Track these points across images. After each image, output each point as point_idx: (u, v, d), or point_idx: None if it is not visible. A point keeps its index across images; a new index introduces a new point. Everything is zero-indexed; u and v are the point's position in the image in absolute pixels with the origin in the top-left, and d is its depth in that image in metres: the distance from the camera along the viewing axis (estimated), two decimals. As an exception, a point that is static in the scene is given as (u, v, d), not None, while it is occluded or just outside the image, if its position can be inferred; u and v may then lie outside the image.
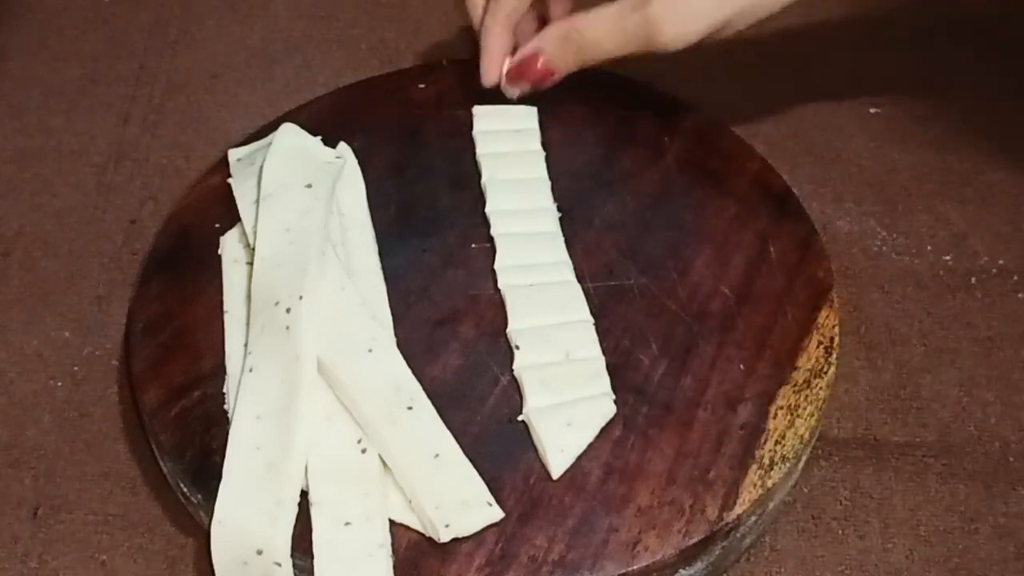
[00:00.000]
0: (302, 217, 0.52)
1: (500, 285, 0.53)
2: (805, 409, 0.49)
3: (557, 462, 0.47)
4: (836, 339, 0.52)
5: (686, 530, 0.46)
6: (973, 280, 0.59)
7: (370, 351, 0.49)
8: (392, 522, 0.46)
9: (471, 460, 0.47)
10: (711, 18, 0.52)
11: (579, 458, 0.48)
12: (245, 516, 0.45)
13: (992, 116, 0.66)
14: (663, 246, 0.55)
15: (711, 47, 0.54)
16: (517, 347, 0.50)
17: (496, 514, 0.46)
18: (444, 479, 0.46)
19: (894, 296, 0.58)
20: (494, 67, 0.58)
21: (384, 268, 0.53)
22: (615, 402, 0.49)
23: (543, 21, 0.59)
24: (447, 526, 0.45)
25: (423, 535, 0.46)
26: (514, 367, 0.50)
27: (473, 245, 0.55)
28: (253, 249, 0.52)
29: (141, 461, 0.52)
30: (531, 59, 0.56)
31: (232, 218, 0.55)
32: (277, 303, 0.49)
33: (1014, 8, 0.71)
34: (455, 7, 0.72)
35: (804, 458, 0.50)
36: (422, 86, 0.62)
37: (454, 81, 0.62)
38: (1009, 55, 0.69)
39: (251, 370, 0.48)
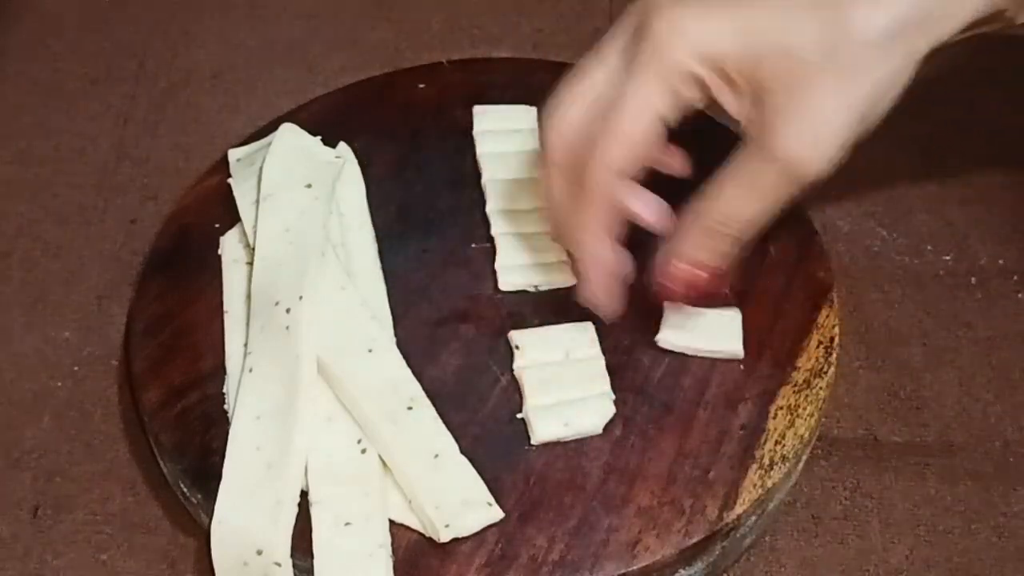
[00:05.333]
0: (302, 217, 0.52)
1: (500, 285, 0.53)
2: (805, 409, 0.49)
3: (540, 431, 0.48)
4: (836, 339, 0.52)
5: (686, 530, 0.46)
6: (973, 280, 0.59)
7: (370, 351, 0.49)
8: (392, 522, 0.46)
9: (471, 460, 0.47)
10: (845, 126, 0.43)
11: (579, 458, 0.48)
12: (245, 516, 0.45)
13: (992, 116, 0.66)
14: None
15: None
16: (517, 347, 0.50)
17: (496, 514, 0.46)
18: (444, 479, 0.46)
19: (894, 296, 0.58)
20: (611, 291, 0.48)
21: (384, 268, 0.53)
22: (615, 402, 0.49)
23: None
24: (447, 526, 0.45)
25: (423, 535, 0.46)
26: (514, 367, 0.50)
27: (473, 245, 0.55)
28: (253, 249, 0.52)
29: (141, 461, 0.52)
30: (685, 276, 0.46)
31: (232, 218, 0.55)
32: (277, 303, 0.49)
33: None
34: (455, 7, 0.72)
35: (804, 458, 0.50)
36: (422, 86, 0.62)
37: (454, 81, 0.62)
38: (1009, 55, 0.69)
39: (251, 370, 0.48)
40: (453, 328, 0.52)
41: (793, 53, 0.42)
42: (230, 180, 0.56)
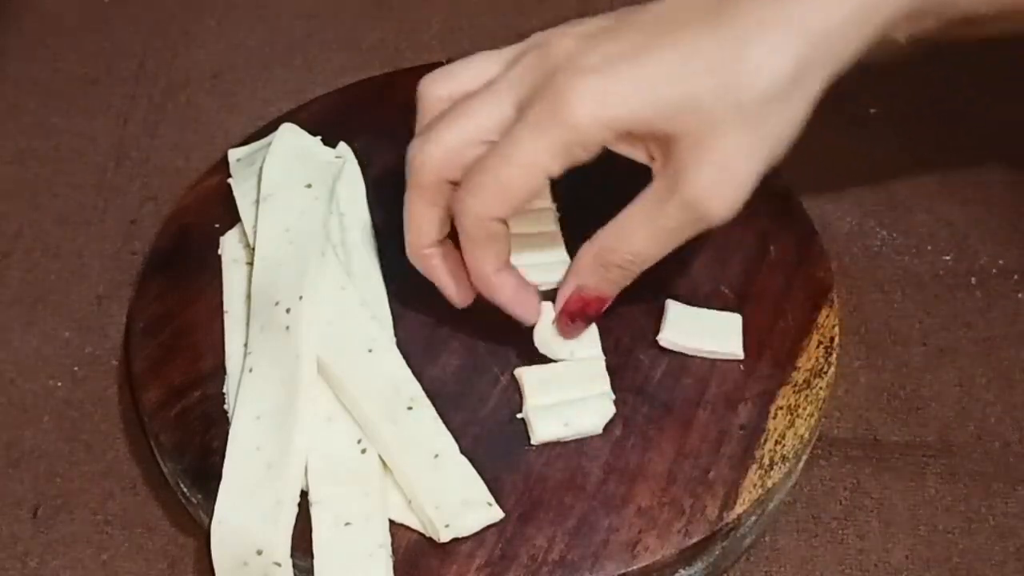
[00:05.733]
0: (302, 217, 0.52)
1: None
2: (805, 409, 0.49)
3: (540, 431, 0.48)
4: (836, 339, 0.52)
5: (686, 530, 0.46)
6: (973, 280, 0.59)
7: (370, 351, 0.49)
8: (392, 522, 0.46)
9: (471, 460, 0.47)
10: (752, 171, 0.44)
11: (579, 458, 0.48)
12: (245, 516, 0.45)
13: (992, 116, 0.66)
14: (663, 246, 0.55)
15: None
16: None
17: (496, 514, 0.46)
18: (444, 479, 0.46)
19: (894, 296, 0.58)
20: (531, 303, 0.49)
21: (384, 268, 0.53)
22: (615, 402, 0.49)
23: None
24: (447, 526, 0.45)
25: (423, 535, 0.46)
26: (514, 367, 0.50)
27: (473, 245, 0.54)
28: (253, 249, 0.52)
29: (141, 461, 0.52)
30: (576, 300, 0.48)
31: (232, 218, 0.55)
32: (277, 303, 0.49)
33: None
34: (455, 7, 0.72)
35: (804, 458, 0.50)
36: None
37: (454, 81, 0.62)
38: (1009, 55, 0.69)
39: (251, 370, 0.48)
40: (453, 328, 0.52)
41: (701, 108, 0.43)
42: (230, 180, 0.56)
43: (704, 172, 0.43)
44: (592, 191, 0.56)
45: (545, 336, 0.49)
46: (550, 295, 0.52)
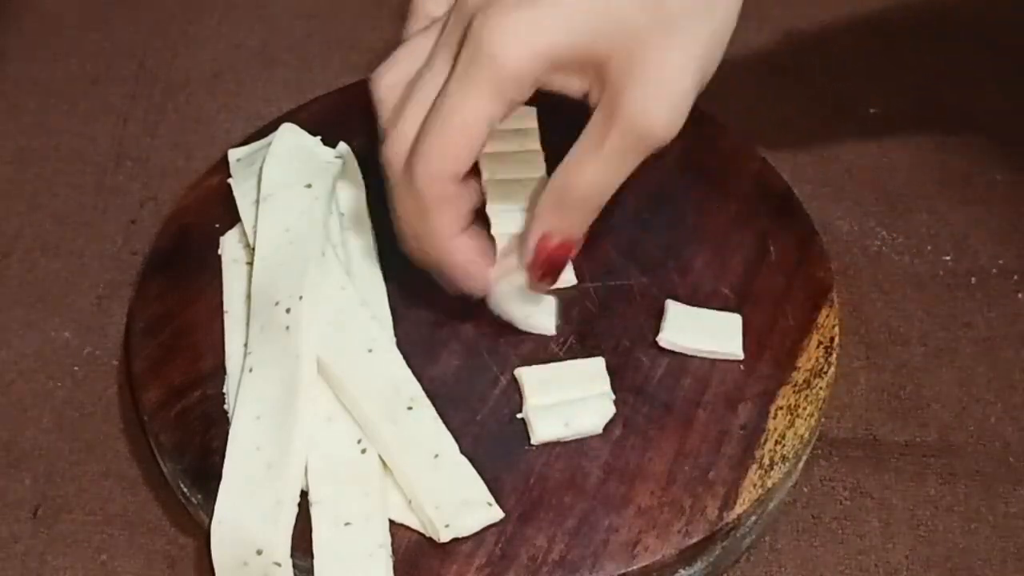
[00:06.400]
0: (302, 217, 0.52)
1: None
2: (805, 409, 0.49)
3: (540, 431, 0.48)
4: (836, 339, 0.52)
5: (686, 530, 0.46)
6: (973, 280, 0.59)
7: (370, 351, 0.49)
8: (392, 522, 0.46)
9: (471, 460, 0.47)
10: (688, 83, 0.44)
11: (579, 458, 0.48)
12: (245, 516, 0.45)
13: (992, 116, 0.66)
14: (663, 246, 0.55)
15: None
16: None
17: (496, 514, 0.46)
18: (444, 479, 0.46)
19: (894, 296, 0.58)
20: (481, 274, 0.48)
21: (384, 268, 0.53)
22: (615, 402, 0.49)
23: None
24: (447, 526, 0.45)
25: (423, 535, 0.46)
26: (514, 367, 0.50)
27: (473, 245, 0.54)
28: (253, 249, 0.52)
29: (141, 461, 0.52)
30: (544, 246, 0.46)
31: (232, 218, 0.55)
32: (277, 303, 0.49)
33: (1013, 7, 0.71)
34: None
35: (804, 458, 0.50)
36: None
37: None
38: (1009, 55, 0.69)
39: (251, 370, 0.48)
40: (453, 328, 0.52)
41: (625, 26, 0.42)
42: (230, 180, 0.56)
43: (639, 91, 0.43)
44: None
45: (500, 297, 0.49)
46: (551, 295, 0.52)
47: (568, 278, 0.53)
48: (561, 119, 0.53)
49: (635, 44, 0.43)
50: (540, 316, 0.51)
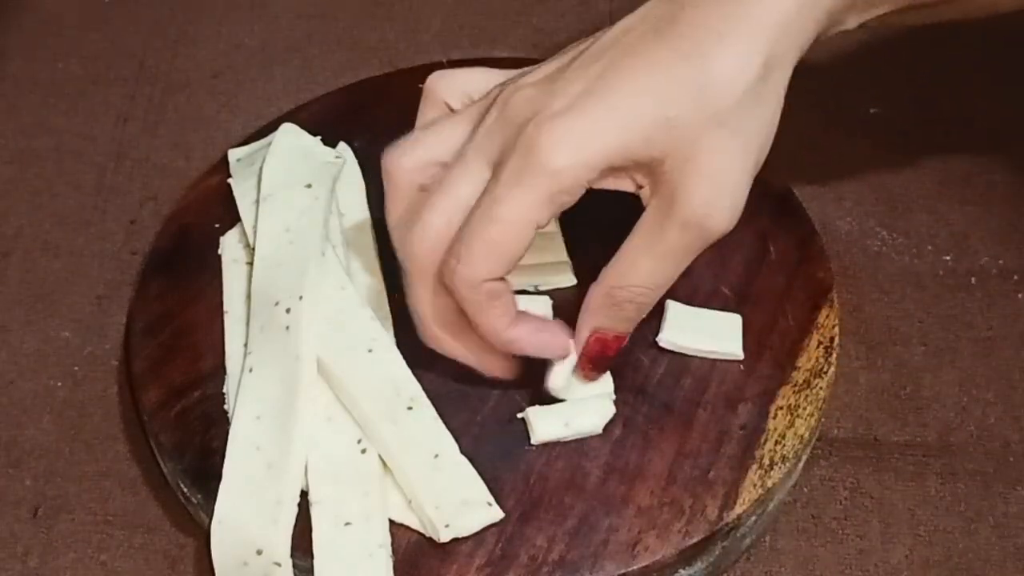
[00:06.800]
0: (302, 217, 0.52)
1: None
2: (805, 409, 0.49)
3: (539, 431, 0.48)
4: (836, 339, 0.52)
5: (686, 530, 0.46)
6: (973, 280, 0.59)
7: (370, 351, 0.49)
8: (392, 522, 0.46)
9: (471, 460, 0.47)
10: (744, 175, 0.43)
11: (579, 458, 0.48)
12: (245, 516, 0.45)
13: (992, 116, 0.66)
14: (663, 246, 0.55)
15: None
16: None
17: (496, 514, 0.46)
18: (444, 479, 0.46)
19: (894, 296, 0.58)
20: (558, 342, 0.47)
21: (384, 268, 0.53)
22: (615, 402, 0.49)
23: None
24: (447, 526, 0.45)
25: (423, 535, 0.46)
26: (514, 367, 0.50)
27: (473, 245, 0.54)
28: (253, 249, 0.52)
29: (141, 461, 0.52)
30: (594, 343, 0.46)
31: (232, 218, 0.55)
32: (277, 303, 0.49)
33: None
34: (455, 7, 0.72)
35: (804, 458, 0.50)
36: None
37: (454, 81, 0.62)
38: (1009, 55, 0.69)
39: (251, 370, 0.48)
40: (453, 328, 0.52)
41: (679, 126, 0.42)
42: (230, 180, 0.56)
43: (697, 188, 0.42)
44: (592, 191, 0.56)
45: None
46: (554, 296, 0.52)
47: (568, 278, 0.53)
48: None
49: (689, 143, 0.42)
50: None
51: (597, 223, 0.46)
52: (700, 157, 0.42)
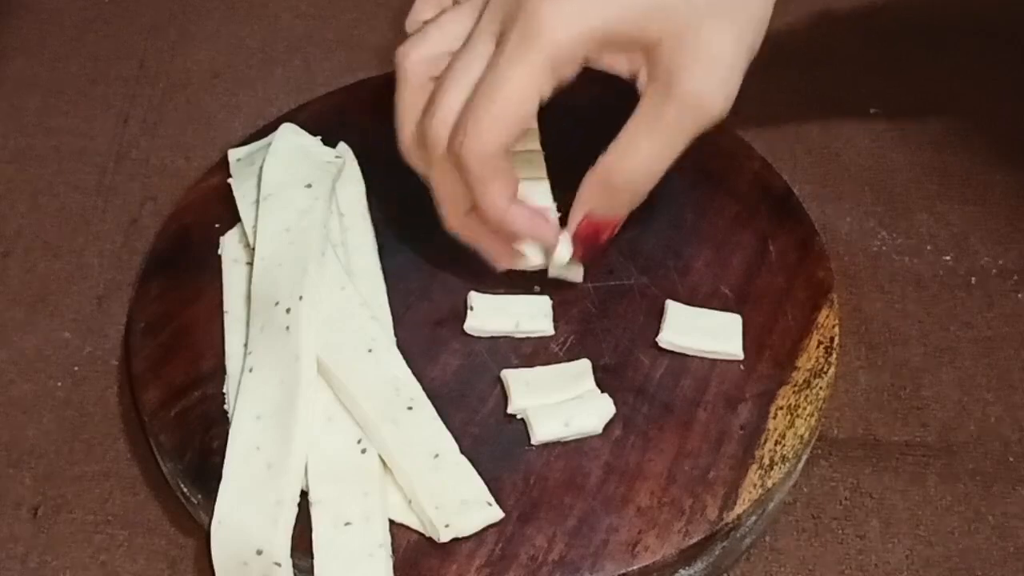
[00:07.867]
0: (302, 217, 0.52)
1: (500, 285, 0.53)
2: (805, 409, 0.49)
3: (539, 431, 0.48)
4: (836, 339, 0.52)
5: (686, 530, 0.46)
6: (973, 280, 0.59)
7: (370, 351, 0.49)
8: (392, 522, 0.46)
9: (471, 460, 0.47)
10: (739, 60, 0.45)
11: (579, 458, 0.48)
12: (245, 516, 0.45)
13: (992, 116, 0.66)
14: (663, 246, 0.55)
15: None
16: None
17: (496, 514, 0.46)
18: (444, 479, 0.46)
19: (894, 296, 0.58)
20: (548, 227, 0.49)
21: (384, 268, 0.53)
22: (615, 402, 0.49)
23: None
24: (447, 526, 0.45)
25: (423, 535, 0.46)
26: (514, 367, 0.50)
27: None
28: (253, 249, 0.52)
29: (141, 461, 0.52)
30: (588, 227, 0.48)
31: (232, 218, 0.55)
32: (277, 303, 0.49)
33: (1013, 6, 0.71)
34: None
35: (804, 458, 0.50)
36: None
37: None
38: (1009, 55, 0.69)
39: (251, 370, 0.48)
40: (453, 328, 0.52)
41: (676, 9, 0.44)
42: (230, 180, 0.56)
43: (693, 69, 0.44)
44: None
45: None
46: (555, 296, 0.52)
47: (578, 272, 0.53)
48: (560, 119, 0.53)
49: (686, 25, 0.44)
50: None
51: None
52: (696, 41, 0.44)
